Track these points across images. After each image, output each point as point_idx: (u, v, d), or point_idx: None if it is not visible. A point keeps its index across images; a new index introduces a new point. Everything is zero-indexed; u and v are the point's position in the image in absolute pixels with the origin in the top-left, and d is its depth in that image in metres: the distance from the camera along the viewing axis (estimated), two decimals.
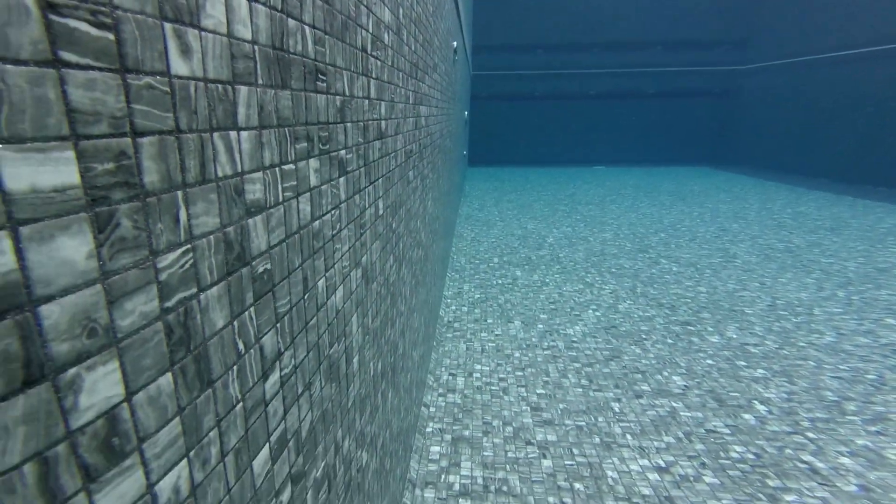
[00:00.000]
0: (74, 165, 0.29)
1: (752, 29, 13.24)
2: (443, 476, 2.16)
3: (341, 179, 0.85)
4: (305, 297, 0.68)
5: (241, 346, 0.50)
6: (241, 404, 0.52)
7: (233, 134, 0.47)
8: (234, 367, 0.49)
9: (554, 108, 14.30)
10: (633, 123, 14.38)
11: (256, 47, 0.51)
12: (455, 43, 3.91)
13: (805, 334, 3.48)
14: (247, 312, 0.50)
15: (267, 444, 0.60)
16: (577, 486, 2.08)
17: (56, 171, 0.27)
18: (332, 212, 0.80)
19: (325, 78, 0.74)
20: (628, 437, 2.38)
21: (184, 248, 0.39)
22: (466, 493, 2.06)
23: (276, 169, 0.57)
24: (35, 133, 0.26)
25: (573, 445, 2.32)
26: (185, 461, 0.43)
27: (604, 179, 11.54)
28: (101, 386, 0.32)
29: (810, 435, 2.36)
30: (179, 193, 0.39)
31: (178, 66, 0.38)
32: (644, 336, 3.46)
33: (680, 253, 5.57)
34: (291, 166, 0.62)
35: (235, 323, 0.48)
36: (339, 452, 0.96)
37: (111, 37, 0.31)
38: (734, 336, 3.46)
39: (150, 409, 0.37)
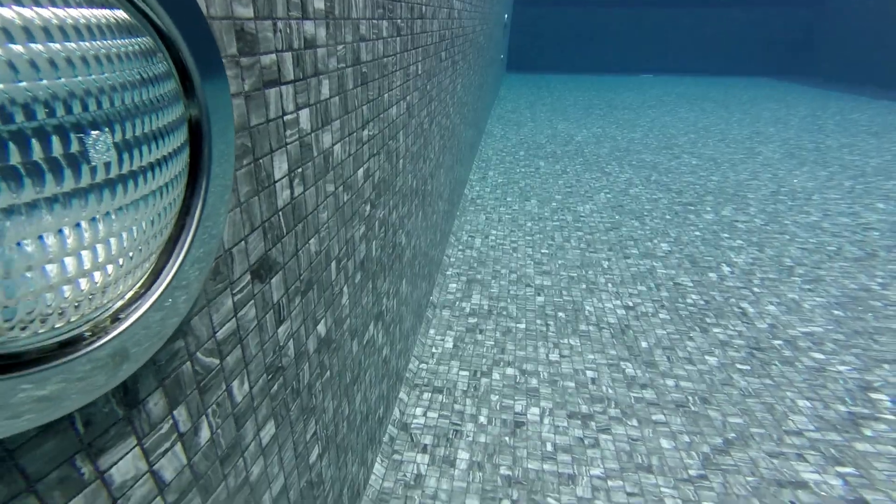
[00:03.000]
0: (322, 6, 0.85)
1: None
2: (457, 303, 2.85)
3: (398, 38, 1.39)
4: (378, 97, 1.25)
5: (355, 102, 1.08)
6: (353, 135, 1.11)
7: None
8: (354, 113, 1.08)
9: (601, 14, 13.71)
10: (689, 32, 13.72)
11: None
12: None
13: (793, 215, 3.91)
14: (358, 88, 1.08)
15: (361, 168, 1.20)
16: (560, 314, 2.74)
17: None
18: (392, 56, 1.35)
19: None
20: (609, 285, 3.00)
21: (345, 45, 0.96)
22: (474, 314, 2.75)
23: (370, 21, 1.12)
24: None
25: (563, 289, 2.97)
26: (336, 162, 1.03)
27: (649, 88, 11.38)
28: (304, 121, 0.90)
29: (755, 290, 2.92)
30: (343, 22, 0.95)
31: None
32: (646, 213, 3.99)
33: (704, 150, 5.87)
34: (375, 21, 1.16)
35: (356, 90, 1.06)
36: (390, 217, 1.58)
37: None
38: (728, 214, 3.95)
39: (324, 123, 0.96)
